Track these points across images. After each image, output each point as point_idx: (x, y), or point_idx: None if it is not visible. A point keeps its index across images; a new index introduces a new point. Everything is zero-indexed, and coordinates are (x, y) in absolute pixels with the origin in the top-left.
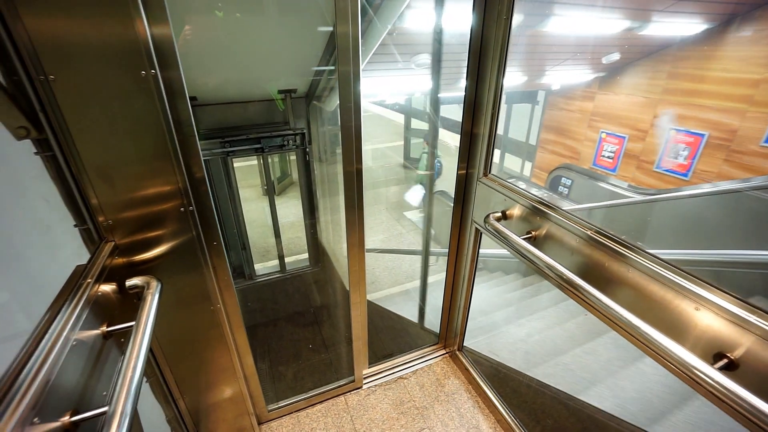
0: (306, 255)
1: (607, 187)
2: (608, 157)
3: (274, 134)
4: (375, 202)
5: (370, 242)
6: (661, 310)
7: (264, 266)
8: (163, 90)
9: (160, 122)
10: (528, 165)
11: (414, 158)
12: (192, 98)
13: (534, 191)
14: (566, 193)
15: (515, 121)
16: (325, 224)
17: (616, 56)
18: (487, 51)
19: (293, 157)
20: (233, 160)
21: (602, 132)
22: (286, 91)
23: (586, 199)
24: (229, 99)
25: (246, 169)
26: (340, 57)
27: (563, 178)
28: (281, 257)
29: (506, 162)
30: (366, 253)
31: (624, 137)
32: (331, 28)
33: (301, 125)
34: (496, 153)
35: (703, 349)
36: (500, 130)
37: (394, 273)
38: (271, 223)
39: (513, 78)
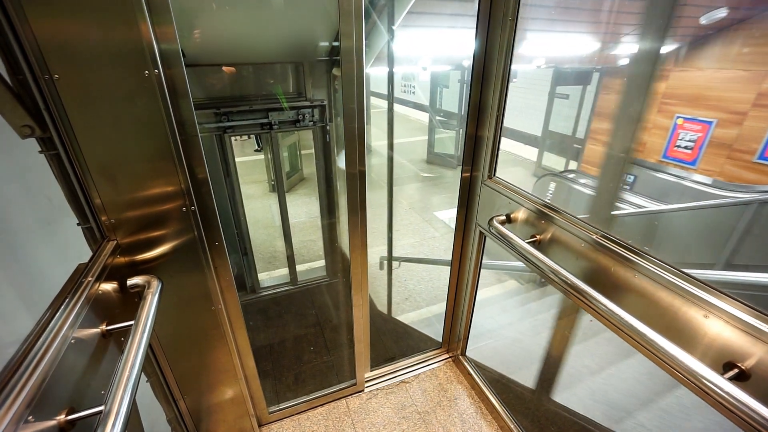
0: (322, 262)
1: (683, 183)
2: (686, 147)
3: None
4: (399, 201)
5: (398, 248)
6: (668, 317)
7: (270, 276)
8: (167, 90)
9: (162, 122)
10: (575, 162)
11: (438, 153)
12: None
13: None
14: (627, 190)
15: (558, 110)
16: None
17: (722, 13)
18: (492, 54)
19: (305, 152)
20: (233, 142)
21: (678, 117)
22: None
23: (654, 197)
24: (228, 59)
25: (250, 164)
26: (343, 55)
27: (623, 174)
28: (291, 264)
29: (545, 160)
30: (394, 262)
31: (710, 122)
32: None
33: (321, 96)
34: (533, 151)
35: (712, 359)
36: (539, 123)
37: (433, 287)
38: (280, 223)
39: (555, 53)
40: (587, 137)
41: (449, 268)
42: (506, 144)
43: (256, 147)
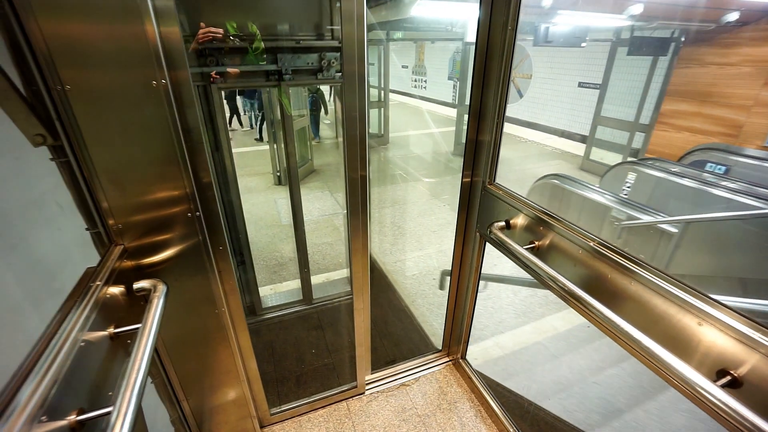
0: (344, 272)
1: None
2: None
3: (301, 46)
4: (431, 196)
5: (440, 256)
6: (664, 324)
7: (275, 291)
8: (173, 99)
9: (169, 130)
10: (636, 152)
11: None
12: None
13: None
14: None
15: (615, 90)
16: (380, 223)
17: None
18: (492, 60)
19: (314, 142)
20: (229, 133)
21: None
22: None
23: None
24: None
25: (251, 155)
26: (345, 54)
27: (709, 164)
28: (304, 275)
29: (594, 154)
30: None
31: None
32: None
33: None
34: (581, 147)
35: (705, 365)
36: (590, 109)
37: (499, 319)
38: (290, 221)
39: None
40: (655, 121)
41: (454, 275)
42: (538, 136)
43: (257, 137)
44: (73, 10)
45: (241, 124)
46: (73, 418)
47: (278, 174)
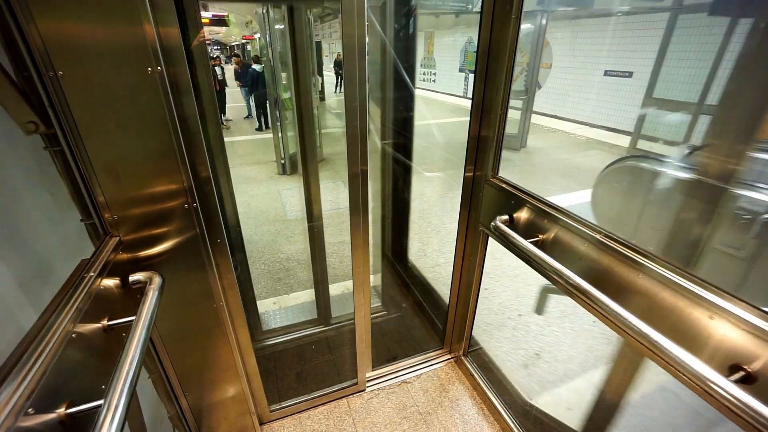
0: (372, 279)
1: None
2: None
3: None
4: (455, 187)
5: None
6: (673, 318)
7: (279, 306)
8: (169, 87)
9: (165, 119)
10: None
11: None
12: None
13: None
14: None
15: (671, 67)
16: (421, 217)
17: None
18: (496, 53)
19: (324, 131)
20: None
21: None
22: None
23: None
24: None
25: (251, 143)
26: (345, 53)
27: None
28: (320, 286)
29: (619, 141)
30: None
31: None
32: None
33: None
34: (614, 137)
35: (717, 360)
36: (632, 93)
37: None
38: (300, 214)
39: None
40: (726, 102)
41: (456, 271)
42: (567, 126)
43: (257, 126)
44: None
45: (224, 113)
46: (62, 411)
47: (283, 162)
